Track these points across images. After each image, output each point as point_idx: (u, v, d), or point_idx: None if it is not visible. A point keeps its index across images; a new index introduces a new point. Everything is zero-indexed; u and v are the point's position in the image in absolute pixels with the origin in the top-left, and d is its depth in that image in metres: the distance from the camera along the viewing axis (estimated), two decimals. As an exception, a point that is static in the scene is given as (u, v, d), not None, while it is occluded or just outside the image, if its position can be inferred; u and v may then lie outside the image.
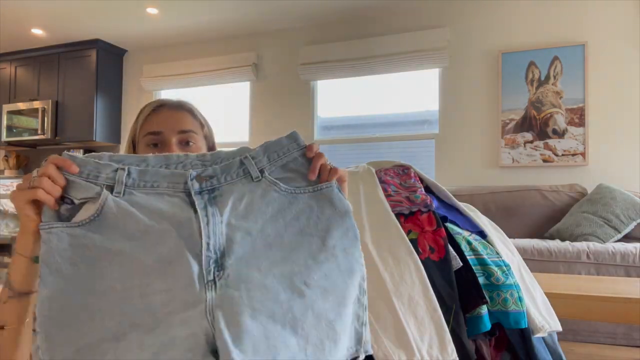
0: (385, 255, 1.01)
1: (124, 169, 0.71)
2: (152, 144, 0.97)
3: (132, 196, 0.71)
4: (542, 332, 1.06)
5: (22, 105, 5.10)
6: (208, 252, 0.68)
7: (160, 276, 0.66)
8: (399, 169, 1.30)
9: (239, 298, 0.64)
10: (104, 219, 0.69)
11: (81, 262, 0.66)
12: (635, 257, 2.40)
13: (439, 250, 1.03)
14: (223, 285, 0.65)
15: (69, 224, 0.68)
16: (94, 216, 0.69)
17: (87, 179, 0.71)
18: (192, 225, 0.69)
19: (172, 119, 0.99)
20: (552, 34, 3.56)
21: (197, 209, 0.70)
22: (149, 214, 0.69)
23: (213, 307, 0.63)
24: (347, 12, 4.09)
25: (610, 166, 3.36)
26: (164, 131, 0.97)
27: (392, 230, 1.06)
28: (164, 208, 0.70)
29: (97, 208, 0.69)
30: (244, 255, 0.69)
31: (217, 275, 0.66)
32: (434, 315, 0.93)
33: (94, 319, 0.63)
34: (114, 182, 0.71)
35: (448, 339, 0.91)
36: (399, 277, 0.97)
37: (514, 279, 1.07)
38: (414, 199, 1.13)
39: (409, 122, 4.09)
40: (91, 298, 0.64)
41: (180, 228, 0.69)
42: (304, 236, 0.73)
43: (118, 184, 0.71)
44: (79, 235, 0.67)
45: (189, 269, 0.65)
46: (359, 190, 1.18)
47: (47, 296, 0.64)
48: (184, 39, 4.77)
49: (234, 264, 0.68)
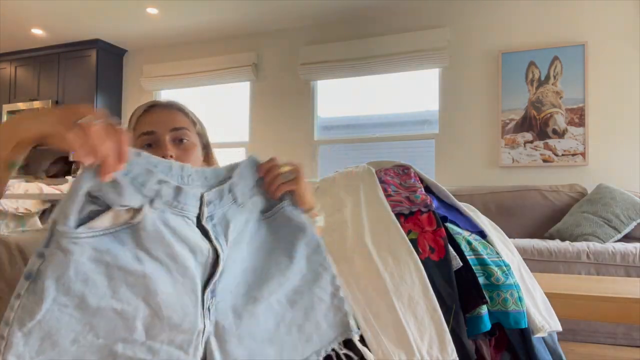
0: (385, 255, 1.01)
1: (169, 185, 0.66)
2: (146, 144, 0.95)
3: (164, 214, 0.65)
4: (542, 332, 1.06)
5: (22, 105, 5.10)
6: (215, 282, 0.68)
7: (170, 306, 0.63)
8: (399, 169, 1.30)
9: (228, 327, 0.68)
10: (135, 233, 0.62)
11: (95, 278, 0.59)
12: (635, 257, 2.40)
13: (439, 250, 1.03)
14: (214, 313, 0.68)
15: (95, 232, 0.59)
16: (123, 228, 0.61)
17: (133, 183, 0.63)
18: (209, 256, 0.68)
19: (163, 117, 0.98)
20: (552, 34, 3.56)
21: (211, 238, 0.69)
22: (177, 239, 0.65)
23: (209, 336, 0.67)
24: (347, 12, 4.09)
25: (610, 166, 3.36)
26: (157, 130, 0.95)
27: (392, 230, 1.06)
28: (189, 235, 0.66)
29: (129, 219, 0.62)
30: (228, 283, 0.71)
31: (211, 303, 0.68)
32: (434, 315, 0.93)
33: (85, 341, 0.59)
34: (155, 196, 0.65)
35: (448, 339, 0.91)
36: (398, 277, 0.97)
37: (514, 279, 1.07)
38: (414, 199, 1.13)
39: (409, 122, 4.09)
40: (90, 318, 0.59)
41: (199, 257, 0.67)
42: (272, 256, 0.77)
43: (159, 199, 0.65)
44: (103, 250, 0.59)
45: (197, 298, 0.66)
46: (359, 190, 1.18)
47: (42, 315, 0.56)
48: (184, 39, 4.77)
49: (221, 291, 0.70)
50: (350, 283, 0.97)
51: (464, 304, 1.00)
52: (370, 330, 0.90)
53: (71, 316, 0.58)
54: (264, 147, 4.45)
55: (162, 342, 0.63)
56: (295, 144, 4.35)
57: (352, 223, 1.10)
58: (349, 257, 1.03)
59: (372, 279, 0.98)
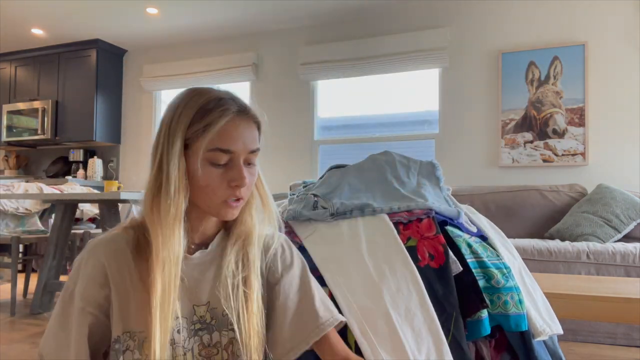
0: (382, 266, 1.00)
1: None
2: (217, 163, 0.77)
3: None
4: (544, 336, 1.05)
5: (22, 105, 5.10)
6: None
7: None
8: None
9: None
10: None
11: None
12: (635, 257, 2.40)
13: (438, 257, 1.02)
14: None
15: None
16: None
17: None
18: None
19: (247, 135, 0.80)
20: (552, 34, 3.56)
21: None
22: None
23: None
24: (347, 12, 4.09)
25: (610, 166, 3.36)
26: (236, 151, 0.78)
27: (389, 240, 1.04)
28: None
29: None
30: None
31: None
32: (431, 327, 0.92)
33: None
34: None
35: (446, 350, 0.90)
36: (395, 288, 0.96)
37: (514, 281, 1.06)
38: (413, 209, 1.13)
39: (409, 122, 4.09)
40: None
41: None
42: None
43: None
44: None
45: None
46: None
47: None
48: (184, 39, 4.77)
49: None
50: (346, 295, 0.96)
51: (464, 308, 0.99)
52: (367, 343, 0.88)
53: None
54: (263, 147, 4.44)
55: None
56: (295, 144, 4.35)
57: (349, 233, 1.09)
58: (345, 268, 1.01)
59: (368, 291, 0.96)
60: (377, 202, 1.16)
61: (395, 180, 1.26)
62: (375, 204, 1.14)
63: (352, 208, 1.13)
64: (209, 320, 0.80)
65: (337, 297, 0.96)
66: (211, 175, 0.77)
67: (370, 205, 1.14)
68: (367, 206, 1.14)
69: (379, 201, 1.17)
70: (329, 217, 1.14)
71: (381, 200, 1.18)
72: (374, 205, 1.13)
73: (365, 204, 1.14)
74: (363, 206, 1.14)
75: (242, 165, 0.79)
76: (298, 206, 1.20)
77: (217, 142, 0.76)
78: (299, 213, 1.16)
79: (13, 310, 2.96)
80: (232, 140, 0.77)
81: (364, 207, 1.13)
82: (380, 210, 1.12)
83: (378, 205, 1.14)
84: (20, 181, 3.64)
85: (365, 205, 1.14)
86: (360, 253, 1.02)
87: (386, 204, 1.15)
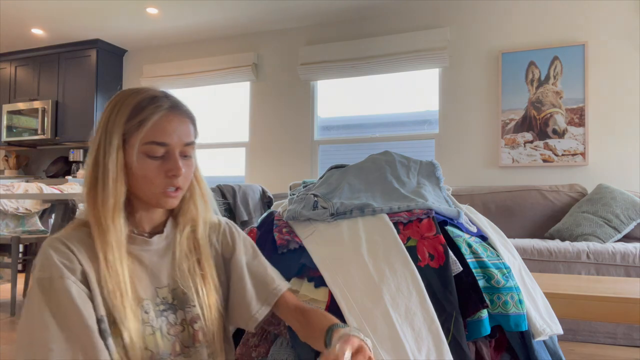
0: (382, 266, 1.00)
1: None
2: (158, 156, 0.83)
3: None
4: (544, 336, 1.05)
5: (22, 105, 5.10)
6: None
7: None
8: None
9: None
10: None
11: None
12: (635, 257, 2.40)
13: (438, 257, 1.02)
14: None
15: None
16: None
17: None
18: None
19: (181, 128, 0.85)
20: (552, 34, 3.56)
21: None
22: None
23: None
24: (347, 12, 4.09)
25: (610, 166, 3.36)
26: (171, 143, 0.84)
27: (389, 240, 1.04)
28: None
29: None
30: None
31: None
32: (431, 326, 0.92)
33: None
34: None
35: (446, 350, 0.90)
36: (395, 288, 0.96)
37: (514, 281, 1.06)
38: (412, 209, 1.13)
39: (409, 122, 4.09)
40: None
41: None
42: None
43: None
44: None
45: None
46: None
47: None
48: (184, 39, 4.77)
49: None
50: (346, 295, 0.96)
51: (464, 308, 0.99)
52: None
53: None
54: (264, 147, 4.45)
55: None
56: (295, 144, 4.35)
57: (348, 233, 1.09)
58: (345, 268, 1.01)
59: (368, 291, 0.96)
60: (377, 202, 1.16)
61: (395, 180, 1.26)
62: (375, 204, 1.14)
63: (352, 208, 1.13)
64: (171, 300, 0.87)
65: (337, 296, 0.95)
66: (149, 167, 0.83)
67: (370, 205, 1.14)
68: (367, 206, 1.13)
69: (379, 201, 1.17)
70: (329, 217, 1.13)
71: (381, 200, 1.18)
72: (374, 205, 1.13)
73: (365, 204, 1.14)
74: (363, 206, 1.13)
75: (178, 157, 0.85)
76: (298, 206, 1.20)
77: (152, 136, 0.82)
78: (298, 213, 1.16)
79: (13, 310, 2.96)
80: (167, 134, 0.83)
81: (364, 207, 1.13)
82: (380, 210, 1.12)
83: (378, 205, 1.14)
84: (20, 181, 3.64)
85: (365, 205, 1.14)
86: (360, 253, 1.02)
87: (386, 204, 1.15)
